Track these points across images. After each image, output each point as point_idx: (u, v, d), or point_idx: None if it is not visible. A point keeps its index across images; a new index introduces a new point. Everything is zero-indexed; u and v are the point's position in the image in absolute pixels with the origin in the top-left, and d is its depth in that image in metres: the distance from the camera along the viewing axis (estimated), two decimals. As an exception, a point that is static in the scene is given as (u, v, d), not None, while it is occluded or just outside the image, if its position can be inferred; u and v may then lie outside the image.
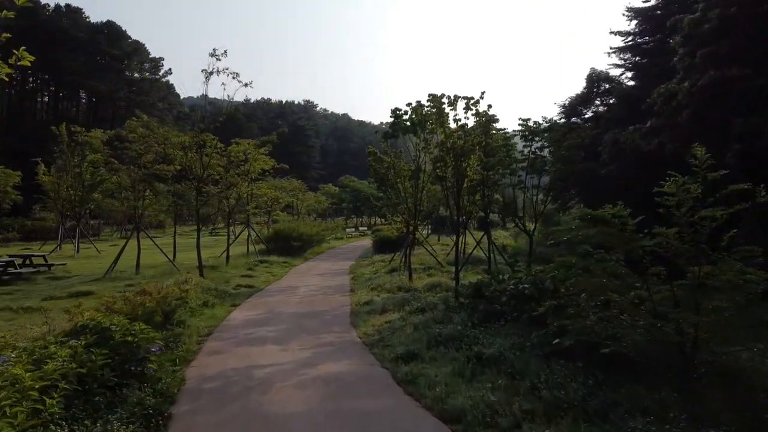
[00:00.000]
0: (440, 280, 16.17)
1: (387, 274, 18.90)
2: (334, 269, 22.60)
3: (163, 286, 12.75)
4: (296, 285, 17.31)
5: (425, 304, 11.33)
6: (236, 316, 11.70)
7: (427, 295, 13.66)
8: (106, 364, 5.60)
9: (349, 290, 16.08)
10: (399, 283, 15.91)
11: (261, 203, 26.93)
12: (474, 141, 11.70)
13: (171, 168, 18.10)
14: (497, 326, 8.50)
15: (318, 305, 13.27)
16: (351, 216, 73.82)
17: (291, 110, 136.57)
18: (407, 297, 13.07)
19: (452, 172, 11.93)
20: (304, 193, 47.45)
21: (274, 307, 12.82)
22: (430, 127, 13.27)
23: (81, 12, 76.77)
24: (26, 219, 44.98)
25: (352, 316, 11.72)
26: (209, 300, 12.82)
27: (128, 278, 17.89)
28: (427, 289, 14.91)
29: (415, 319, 10.31)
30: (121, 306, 9.48)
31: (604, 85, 36.66)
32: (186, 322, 10.03)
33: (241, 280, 17.83)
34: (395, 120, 16.25)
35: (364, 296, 14.25)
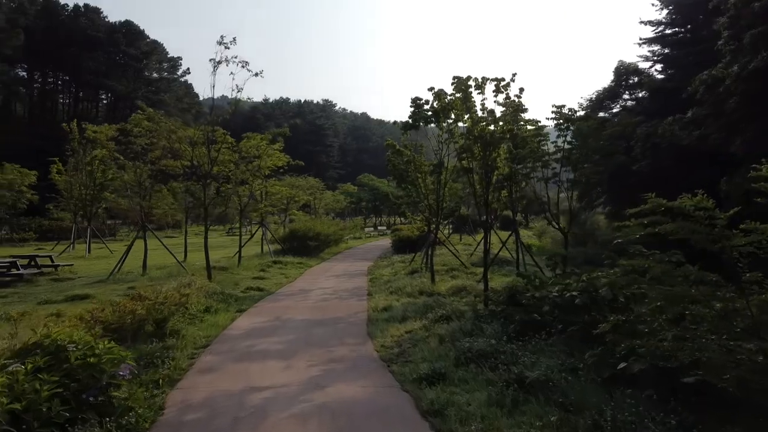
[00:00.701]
0: (465, 283, 14.90)
1: (407, 276, 17.67)
2: (351, 270, 21.42)
3: (162, 290, 11.76)
4: (310, 288, 16.16)
5: (451, 312, 10.06)
6: (240, 324, 10.55)
7: (452, 300, 12.41)
8: (56, 395, 4.44)
9: (366, 294, 14.86)
10: (420, 286, 14.66)
11: (275, 201, 25.84)
12: (505, 128, 10.41)
13: (178, 164, 17.06)
14: (538, 341, 7.19)
15: (331, 311, 12.07)
16: (369, 215, 72.68)
17: (309, 109, 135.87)
18: (430, 302, 11.83)
19: (480, 163, 10.65)
20: (321, 191, 46.41)
21: (283, 314, 11.66)
22: (455, 115, 11.97)
23: (99, 12, 76.87)
24: (43, 219, 44.63)
25: (369, 324, 10.50)
26: (212, 305, 11.70)
27: (133, 280, 16.91)
28: (451, 294, 13.67)
29: (440, 329, 9.06)
30: (107, 314, 8.40)
31: (632, 78, 35.01)
32: (181, 332, 8.89)
33: (252, 282, 16.75)
34: (416, 109, 15.02)
35: (383, 301, 13.04)
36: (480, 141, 10.33)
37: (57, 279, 18.05)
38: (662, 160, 23.32)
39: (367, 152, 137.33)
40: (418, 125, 14.92)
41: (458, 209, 30.28)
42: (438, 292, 13.78)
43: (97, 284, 16.41)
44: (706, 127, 19.09)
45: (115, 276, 17.58)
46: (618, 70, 35.53)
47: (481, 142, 10.27)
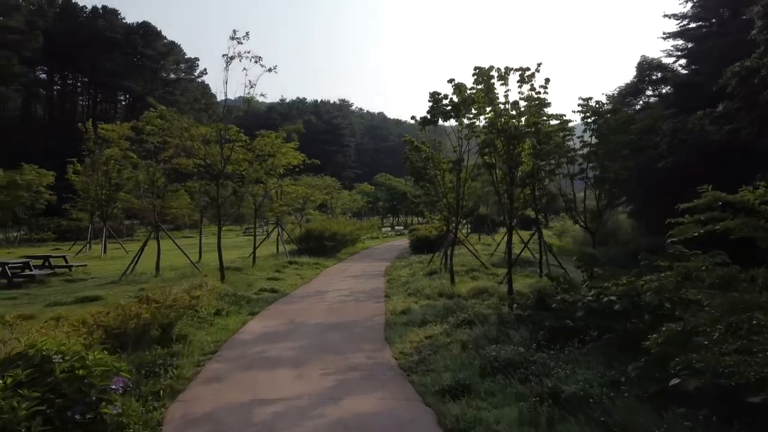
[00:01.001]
0: (486, 284, 14.29)
1: (426, 276, 17.10)
2: (369, 271, 20.90)
3: (172, 292, 11.35)
4: (325, 289, 15.67)
5: (473, 315, 9.48)
6: (251, 327, 10.07)
7: (473, 303, 11.80)
8: (38, 413, 3.97)
9: (384, 296, 14.33)
10: (440, 287, 14.09)
11: (290, 200, 25.40)
12: (530, 120, 9.79)
13: (190, 162, 16.67)
14: (572, 350, 6.58)
15: (347, 314, 11.56)
16: (386, 215, 72.13)
17: (326, 109, 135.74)
18: (450, 305, 11.25)
19: (503, 158, 10.04)
20: (338, 191, 46.00)
21: (297, 317, 11.17)
22: (476, 108, 11.37)
23: (117, 13, 77.40)
24: (62, 219, 44.83)
25: (387, 328, 9.95)
26: (224, 308, 11.25)
27: (145, 281, 16.57)
28: (472, 296, 13.08)
29: (462, 334, 8.48)
30: (110, 319, 7.97)
31: (656, 73, 34.06)
32: (188, 337, 8.43)
33: (266, 283, 16.30)
34: (434, 104, 14.45)
35: (401, 303, 12.49)
36: (503, 135, 9.73)
37: (70, 280, 17.82)
38: (689, 157, 22.44)
39: (384, 152, 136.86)
40: (437, 120, 14.35)
41: (477, 208, 29.58)
42: (458, 294, 13.19)
43: (109, 285, 16.11)
44: (738, 120, 18.26)
45: (127, 277, 17.27)
46: (641, 65, 34.59)
47: (505, 135, 9.66)
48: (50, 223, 44.70)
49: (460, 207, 14.71)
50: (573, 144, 12.65)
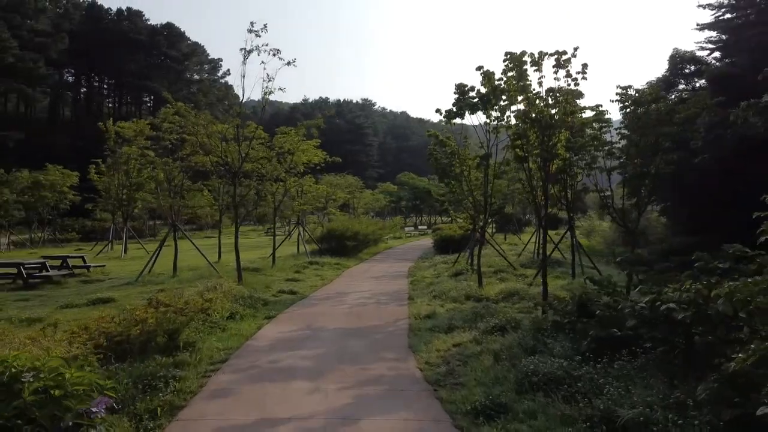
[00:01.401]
0: (516, 286, 13.49)
1: (451, 278, 16.35)
2: (391, 272, 20.21)
3: (184, 294, 10.80)
4: (346, 291, 15.02)
5: (505, 321, 8.70)
6: (266, 333, 9.44)
7: (503, 307, 11.05)
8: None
9: (407, 298, 13.61)
10: (466, 289, 13.32)
11: (310, 199, 24.80)
12: (567, 109, 8.96)
13: (207, 159, 16.17)
14: (623, 364, 5.78)
15: (369, 318, 10.86)
16: (409, 215, 71.38)
17: (349, 109, 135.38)
18: (479, 309, 10.49)
19: (537, 150, 9.23)
20: (360, 190, 45.42)
21: (315, 321, 10.51)
22: (507, 97, 10.56)
23: (141, 15, 78.06)
24: (86, 219, 45.07)
25: (411, 335, 9.23)
26: (238, 311, 10.64)
27: (161, 282, 16.14)
28: (501, 299, 12.30)
29: (494, 343, 7.71)
30: (113, 326, 7.41)
31: (689, 66, 32.70)
32: (197, 345, 7.81)
33: (285, 284, 15.72)
34: (460, 96, 13.68)
35: (425, 307, 11.76)
36: (537, 125, 8.93)
37: (86, 281, 17.49)
38: (728, 152, 21.23)
39: (407, 151, 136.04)
40: (463, 113, 13.58)
41: (504, 207, 28.69)
42: (486, 297, 12.42)
43: (125, 287, 15.71)
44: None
45: (144, 278, 16.86)
46: (673, 58, 33.21)
47: (539, 126, 8.87)
48: (75, 224, 45.01)
49: (488, 205, 13.90)
50: (610, 136, 11.75)
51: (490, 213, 14.09)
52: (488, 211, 13.94)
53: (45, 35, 61.44)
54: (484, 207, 13.80)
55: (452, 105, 13.81)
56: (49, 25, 63.14)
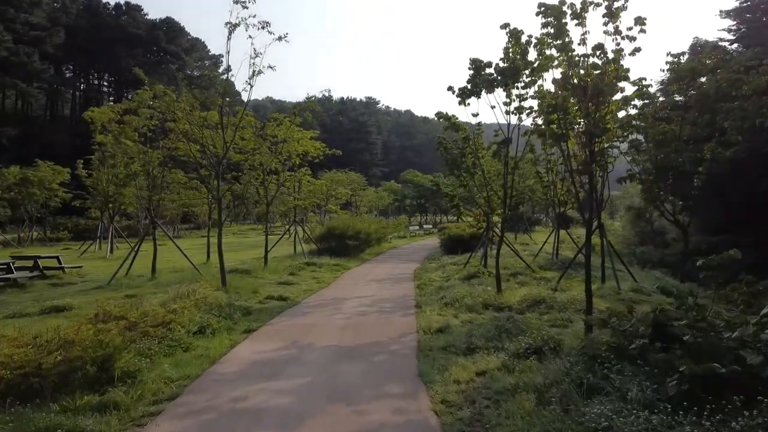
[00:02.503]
0: (539, 292, 11.60)
1: (463, 282, 14.48)
2: (396, 274, 18.34)
3: (143, 304, 9.01)
4: (344, 296, 13.16)
5: (541, 341, 6.82)
6: (239, 353, 7.57)
7: (531, 319, 9.17)
8: None
9: (414, 306, 11.73)
10: (483, 296, 11.45)
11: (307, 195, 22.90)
12: (620, 72, 7.05)
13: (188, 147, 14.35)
14: (747, 423, 3.88)
15: (369, 332, 8.99)
16: (414, 213, 69.42)
17: (352, 106, 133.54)
18: (502, 322, 8.61)
19: (582, 124, 7.32)
20: (363, 188, 43.54)
21: (304, 336, 8.65)
22: (540, 62, 8.63)
23: (140, 9, 76.33)
24: (80, 218, 43.35)
25: (421, 356, 7.35)
26: (211, 324, 8.77)
27: (137, 286, 14.36)
28: (526, 308, 10.44)
29: (532, 373, 5.82)
30: (25, 351, 5.57)
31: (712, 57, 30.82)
32: (139, 375, 5.95)
33: (275, 289, 13.90)
34: (475, 72, 11.81)
35: (437, 317, 9.89)
36: (581, 92, 7.04)
37: (56, 284, 15.71)
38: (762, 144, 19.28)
39: (411, 150, 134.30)
40: (479, 91, 11.70)
41: (522, 201, 26.77)
42: (508, 306, 10.55)
43: (95, 291, 13.93)
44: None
45: (118, 281, 15.05)
46: (694, 48, 31.37)
47: (584, 93, 6.98)
48: (68, 223, 43.31)
49: (509, 198, 11.99)
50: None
51: (509, 207, 12.14)
52: (508, 205, 12.02)
53: (40, 29, 59.68)
54: (503, 200, 11.87)
55: (467, 82, 11.96)
56: (44, 19, 61.31)
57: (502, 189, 12.19)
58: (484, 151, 15.45)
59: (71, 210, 41.91)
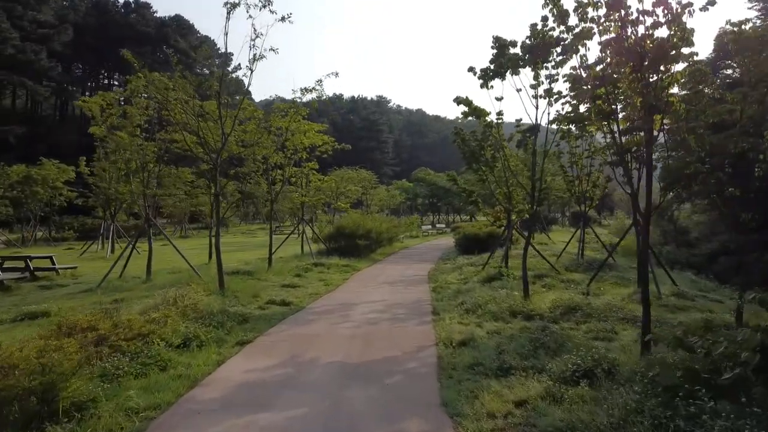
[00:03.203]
0: (571, 298, 10.34)
1: (483, 284, 13.23)
2: (409, 275, 17.12)
3: (119, 311, 7.88)
4: (353, 301, 11.94)
5: (591, 362, 5.57)
6: (226, 372, 6.38)
7: (568, 330, 7.93)
8: None
9: (431, 312, 10.50)
10: (508, 301, 10.17)
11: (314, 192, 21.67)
12: (687, 33, 5.77)
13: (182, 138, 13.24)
14: None
15: (380, 345, 7.77)
16: (426, 213, 68.05)
17: (363, 105, 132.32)
18: (535, 333, 7.41)
19: (637, 97, 6.04)
20: (374, 186, 42.31)
21: (306, 349, 7.45)
22: (583, 30, 7.30)
23: (149, 7, 75.57)
24: (87, 217, 42.52)
25: (443, 377, 6.12)
26: (199, 335, 7.57)
27: (129, 288, 13.26)
28: (559, 315, 9.19)
29: (590, 408, 4.57)
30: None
31: (738, 48, 29.23)
32: (93, 407, 4.76)
33: (279, 292, 12.73)
34: (498, 51, 10.57)
35: (458, 326, 8.66)
36: (636, 58, 5.78)
37: (46, 286, 14.65)
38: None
39: (423, 148, 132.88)
40: (504, 72, 10.46)
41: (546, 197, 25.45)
42: (539, 313, 9.28)
43: (83, 294, 12.88)
44: None
45: (110, 283, 13.99)
46: (720, 38, 29.69)
47: (641, 59, 5.71)
48: (74, 222, 42.48)
49: (538, 191, 10.71)
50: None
51: (538, 202, 10.83)
52: (536, 199, 10.73)
53: (48, 26, 59.02)
54: (531, 195, 10.57)
55: (489, 62, 10.72)
56: (52, 17, 60.70)
57: (528, 183, 10.89)
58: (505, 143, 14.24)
59: (78, 209, 41.08)
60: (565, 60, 9.87)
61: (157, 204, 13.91)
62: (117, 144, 14.42)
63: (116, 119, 14.48)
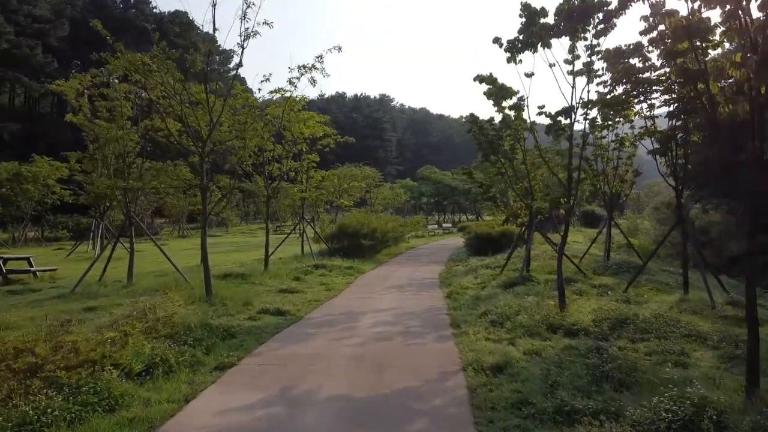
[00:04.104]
0: (618, 308, 8.79)
1: (505, 290, 11.74)
2: (418, 278, 15.62)
3: (70, 327, 6.40)
4: (359, 309, 10.43)
5: (691, 408, 4.05)
6: (193, 416, 4.82)
7: (625, 349, 6.42)
8: None
9: (450, 324, 8.98)
10: (541, 312, 8.62)
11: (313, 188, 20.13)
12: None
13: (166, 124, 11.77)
14: None
15: (394, 371, 6.24)
16: (431, 212, 66.46)
17: (366, 104, 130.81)
18: (587, 355, 5.94)
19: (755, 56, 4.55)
20: (377, 183, 40.79)
21: (300, 377, 5.93)
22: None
23: (148, 2, 74.15)
24: (82, 216, 41.09)
25: (480, 421, 4.60)
26: (168, 357, 6.04)
27: (106, 294, 11.78)
28: (608, 330, 7.63)
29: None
30: None
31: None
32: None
33: (274, 299, 11.25)
34: (529, 21, 9.06)
35: (485, 344, 7.16)
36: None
37: (15, 291, 13.18)
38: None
39: (427, 147, 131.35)
40: (535, 43, 8.94)
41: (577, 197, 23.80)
42: (582, 328, 7.71)
43: (53, 300, 11.41)
44: None
45: (88, 287, 12.56)
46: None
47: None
48: (68, 221, 41.01)
49: (576, 181, 9.17)
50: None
51: (575, 195, 9.27)
52: (575, 191, 9.19)
53: (44, 21, 57.68)
54: (567, 187, 9.02)
55: (518, 33, 9.20)
56: (48, 11, 59.36)
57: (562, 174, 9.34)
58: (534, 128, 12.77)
59: (74, 208, 39.69)
60: (607, 29, 8.39)
61: (155, 203, 12.45)
62: (96, 133, 12.93)
63: (93, 106, 13.00)
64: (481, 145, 13.55)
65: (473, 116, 13.44)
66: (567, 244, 17.53)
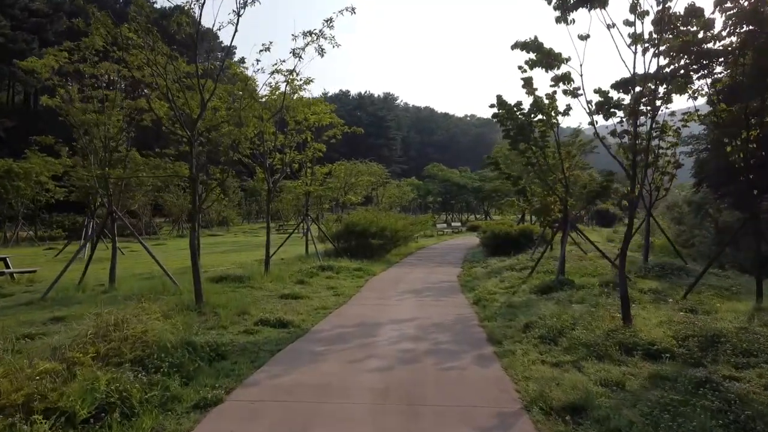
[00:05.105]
0: (691, 320, 7.20)
1: (540, 297, 10.24)
2: (435, 282, 14.06)
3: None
4: (374, 320, 8.85)
5: None
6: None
7: (729, 376, 4.87)
8: None
9: (486, 339, 7.39)
10: (601, 325, 7.02)
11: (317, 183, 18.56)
12: None
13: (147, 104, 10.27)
14: None
15: (432, 414, 4.62)
16: (438, 211, 64.76)
17: (370, 102, 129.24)
18: (695, 395, 4.32)
19: None
20: (384, 181, 39.22)
21: (306, 423, 4.37)
22: None
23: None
24: (78, 215, 39.63)
25: None
26: (129, 395, 4.45)
27: (81, 301, 10.25)
28: (698, 350, 6.03)
29: None
30: None
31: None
32: None
33: (275, 306, 9.66)
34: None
35: (542, 368, 5.65)
36: None
37: (-16, 296, 11.67)
38: None
39: (432, 146, 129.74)
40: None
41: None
42: (664, 348, 6.08)
43: (18, 308, 9.96)
44: None
45: (63, 292, 11.11)
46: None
47: None
48: (64, 220, 39.50)
49: (642, 169, 7.54)
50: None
51: (640, 182, 7.61)
52: (643, 180, 7.55)
53: (41, 15, 56.22)
54: (631, 176, 7.32)
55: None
56: (46, 5, 57.95)
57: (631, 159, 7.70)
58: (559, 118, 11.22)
59: (70, 206, 38.22)
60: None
61: (113, 190, 11.04)
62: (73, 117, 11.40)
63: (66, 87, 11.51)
64: (508, 131, 12.02)
65: (500, 98, 11.91)
66: (591, 244, 16.03)
